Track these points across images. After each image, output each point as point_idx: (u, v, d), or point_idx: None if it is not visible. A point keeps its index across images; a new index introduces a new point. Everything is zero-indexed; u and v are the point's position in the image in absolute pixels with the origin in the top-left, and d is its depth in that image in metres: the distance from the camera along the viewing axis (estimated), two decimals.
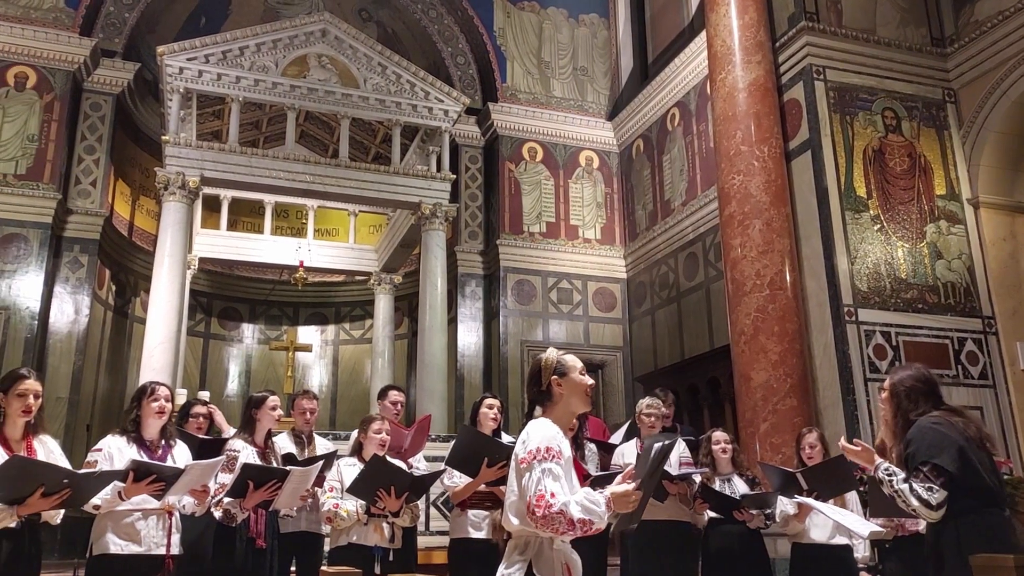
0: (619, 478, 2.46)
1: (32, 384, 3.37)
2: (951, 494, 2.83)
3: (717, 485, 4.73)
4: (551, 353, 2.61)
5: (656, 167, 11.25)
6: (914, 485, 2.85)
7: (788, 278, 7.41)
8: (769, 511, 4.58)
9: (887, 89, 8.14)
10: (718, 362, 8.99)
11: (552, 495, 2.28)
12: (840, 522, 4.07)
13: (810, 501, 4.18)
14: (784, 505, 4.48)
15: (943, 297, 7.68)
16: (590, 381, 2.58)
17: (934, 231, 7.85)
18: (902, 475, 2.93)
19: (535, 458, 2.36)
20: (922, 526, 3.67)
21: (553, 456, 2.35)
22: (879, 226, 7.67)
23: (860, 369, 7.14)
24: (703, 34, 8.94)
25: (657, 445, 2.37)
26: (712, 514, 4.72)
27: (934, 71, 8.35)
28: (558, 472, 2.33)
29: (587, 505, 2.28)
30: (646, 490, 2.36)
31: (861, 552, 4.48)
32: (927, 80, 8.31)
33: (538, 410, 2.55)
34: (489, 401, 4.64)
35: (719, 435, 4.94)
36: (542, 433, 2.42)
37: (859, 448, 3.20)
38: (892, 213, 7.75)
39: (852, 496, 4.47)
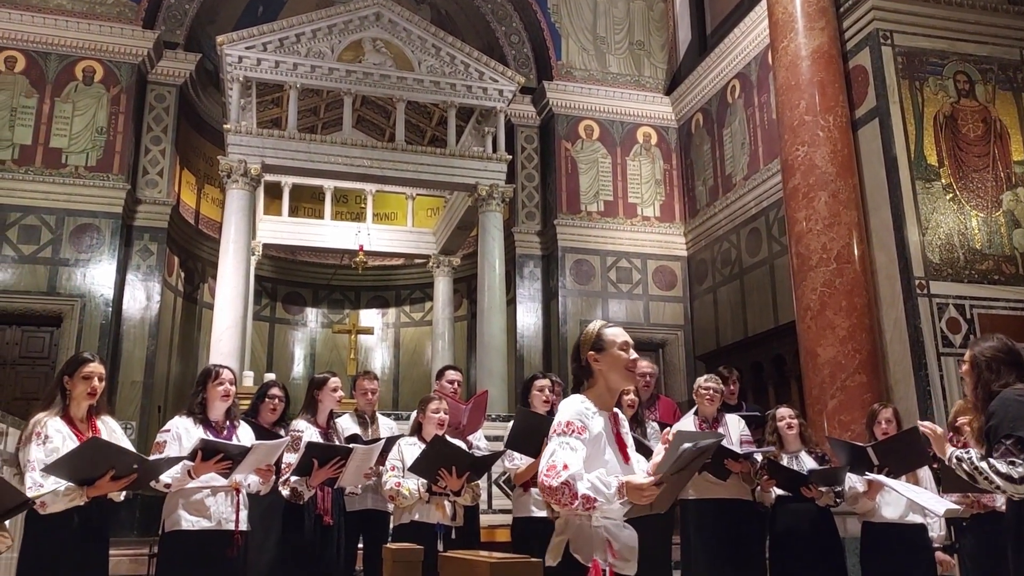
0: (656, 456, 2.37)
1: (96, 367, 3.48)
2: None
3: (785, 461, 4.62)
4: (593, 326, 2.51)
5: (716, 141, 11.02)
6: (993, 461, 2.72)
7: (856, 251, 7.19)
8: (839, 488, 4.45)
9: (959, 52, 7.79)
10: (783, 339, 8.80)
11: (564, 467, 2.22)
12: (914, 499, 3.92)
13: (881, 478, 4.04)
14: (853, 482, 4.34)
15: (1021, 267, 7.35)
16: (632, 356, 2.44)
17: (1011, 199, 7.51)
18: (976, 453, 2.80)
19: (556, 432, 2.32)
20: (999, 502, 3.52)
21: (575, 431, 2.30)
22: (951, 195, 7.37)
23: (932, 343, 6.90)
24: (764, 2, 8.68)
25: (687, 446, 2.19)
26: (780, 492, 4.62)
27: (1011, 31, 7.95)
28: (576, 446, 2.27)
29: (597, 485, 2.21)
30: (670, 485, 2.23)
31: (937, 531, 4.32)
32: (1003, 40, 7.92)
33: (586, 384, 2.47)
34: (539, 383, 4.61)
35: (784, 411, 4.83)
36: (570, 408, 2.37)
37: (936, 432, 3.07)
38: (965, 181, 7.44)
39: (925, 473, 4.31)
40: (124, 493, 3.43)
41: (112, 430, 3.55)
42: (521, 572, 1.23)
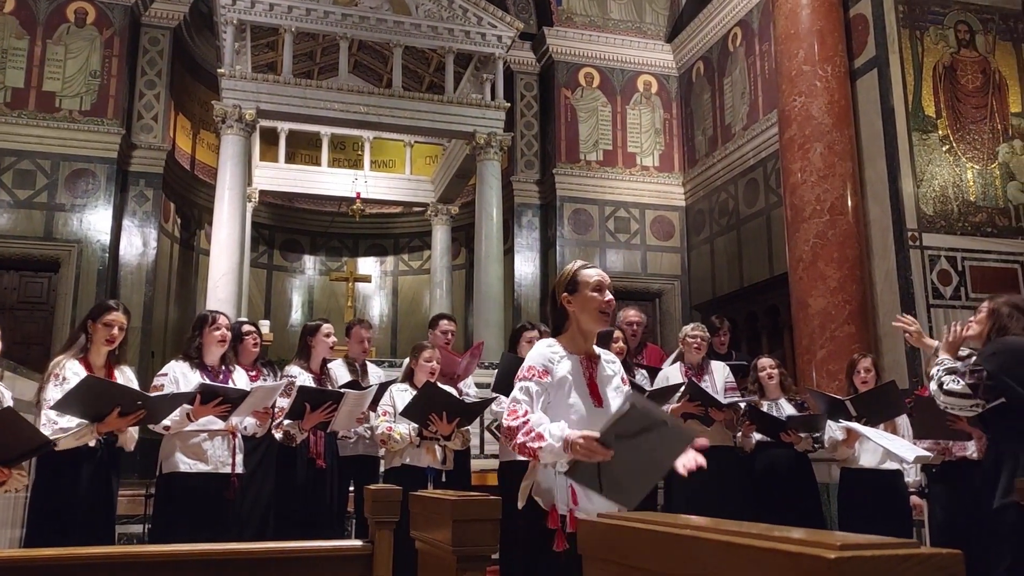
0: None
1: (118, 316, 3.56)
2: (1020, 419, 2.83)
3: (765, 408, 4.75)
4: (569, 266, 2.44)
5: (717, 90, 10.92)
6: (951, 375, 2.94)
7: (849, 203, 7.20)
8: (817, 435, 4.58)
9: (961, 0, 7.68)
10: (777, 290, 8.85)
11: (526, 412, 2.25)
12: (886, 447, 4.03)
13: (855, 426, 4.15)
14: (833, 431, 4.46)
15: (1014, 220, 7.37)
16: (606, 298, 2.35)
17: (1007, 151, 7.49)
18: (946, 366, 3.05)
19: (518, 377, 2.34)
20: (969, 451, 3.63)
21: (535, 375, 2.30)
22: (948, 147, 7.35)
23: (923, 295, 6.96)
24: None
25: (626, 407, 1.94)
26: (760, 437, 4.74)
27: None
28: (533, 390, 2.28)
29: (543, 432, 2.13)
30: (618, 453, 1.97)
31: (912, 477, 4.45)
32: None
33: (564, 328, 2.43)
34: (528, 334, 4.67)
35: (764, 361, 4.95)
36: (534, 351, 2.39)
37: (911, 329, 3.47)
38: (962, 133, 7.41)
39: (903, 421, 4.42)
40: (135, 441, 3.54)
41: (129, 380, 3.64)
42: (479, 510, 1.29)
